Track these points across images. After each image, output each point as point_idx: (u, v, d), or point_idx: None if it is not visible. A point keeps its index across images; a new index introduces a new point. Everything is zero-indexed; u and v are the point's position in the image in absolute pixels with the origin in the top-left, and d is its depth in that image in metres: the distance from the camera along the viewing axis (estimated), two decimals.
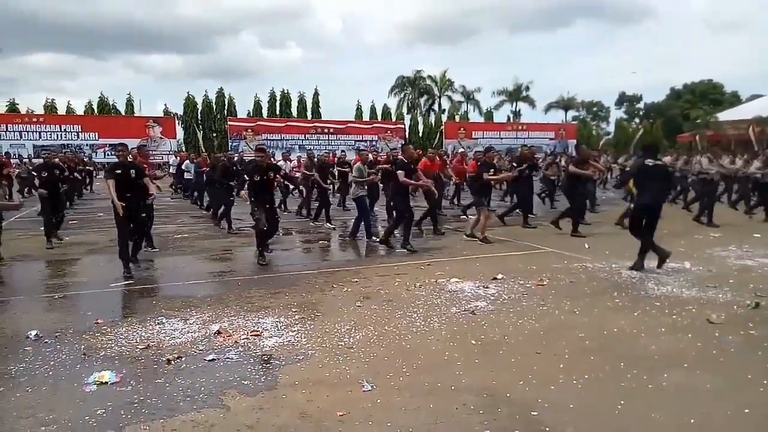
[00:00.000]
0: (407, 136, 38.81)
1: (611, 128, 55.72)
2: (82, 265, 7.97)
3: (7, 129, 29.42)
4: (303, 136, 34.83)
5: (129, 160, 7.51)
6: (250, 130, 33.83)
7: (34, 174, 8.89)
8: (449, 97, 47.49)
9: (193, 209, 15.07)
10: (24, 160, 21.60)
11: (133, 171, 7.16)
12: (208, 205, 13.62)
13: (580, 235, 9.60)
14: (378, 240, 9.06)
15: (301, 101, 37.93)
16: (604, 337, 4.56)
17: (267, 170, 7.75)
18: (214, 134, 35.24)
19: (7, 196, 9.73)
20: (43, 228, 9.25)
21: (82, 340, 4.50)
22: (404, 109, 45.01)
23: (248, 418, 3.17)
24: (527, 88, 48.26)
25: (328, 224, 11.19)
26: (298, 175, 13.94)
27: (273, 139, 33.29)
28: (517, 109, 48.94)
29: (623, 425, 3.10)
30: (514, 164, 11.35)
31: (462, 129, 39.30)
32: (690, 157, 13.94)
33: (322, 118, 37.39)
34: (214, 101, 35.95)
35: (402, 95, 46.59)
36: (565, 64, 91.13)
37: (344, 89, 76.26)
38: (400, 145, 13.23)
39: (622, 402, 3.35)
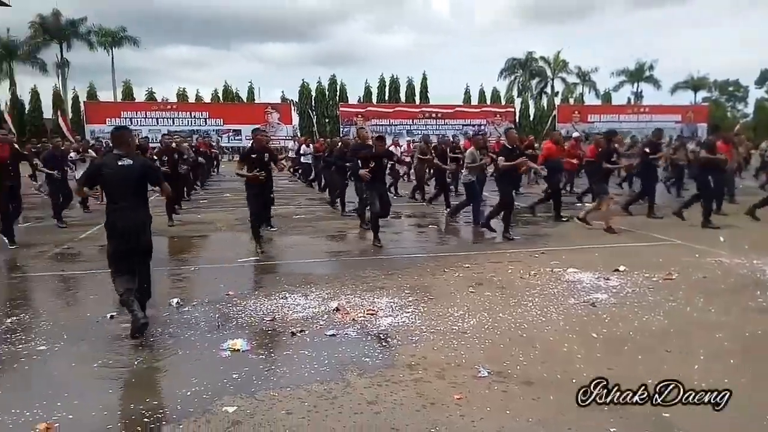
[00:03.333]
0: (517, 120, 37.64)
1: (750, 110, 50.08)
2: (211, 242, 8.66)
3: (146, 115, 32.73)
4: (411, 120, 35.00)
5: (263, 144, 7.71)
6: (360, 116, 34.61)
7: (155, 158, 9.82)
8: (563, 79, 45.26)
9: (310, 191, 15.76)
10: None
11: (266, 155, 7.58)
12: (323, 187, 14.21)
13: (713, 227, 8.78)
14: (479, 225, 8.98)
15: (410, 86, 38.19)
16: (746, 339, 4.16)
17: (381, 157, 7.91)
18: (327, 120, 36.56)
19: None
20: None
21: (216, 310, 4.91)
22: (514, 92, 43.65)
23: (368, 394, 3.28)
24: (651, 68, 44.75)
25: (447, 209, 11.07)
26: (408, 159, 14.08)
27: (382, 124, 33.77)
28: (639, 90, 45.62)
29: None
30: (646, 149, 10.56)
31: (576, 112, 37.31)
32: None
33: (430, 103, 37.32)
34: (326, 88, 37.26)
35: (512, 78, 45.15)
36: (696, 38, 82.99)
37: (453, 73, 75.31)
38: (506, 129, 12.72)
39: None
